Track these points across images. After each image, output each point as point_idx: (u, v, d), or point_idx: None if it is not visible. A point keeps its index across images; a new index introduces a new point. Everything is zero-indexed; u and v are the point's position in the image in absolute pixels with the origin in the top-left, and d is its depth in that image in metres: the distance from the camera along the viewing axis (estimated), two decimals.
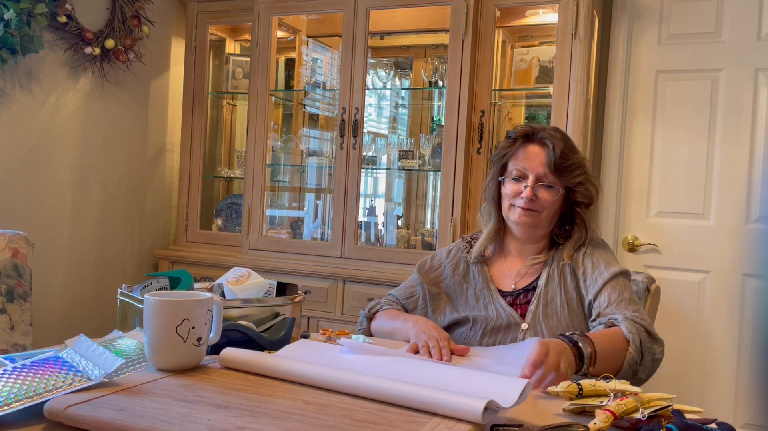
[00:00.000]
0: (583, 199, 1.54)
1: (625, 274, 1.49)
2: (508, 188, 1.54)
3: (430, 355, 1.34)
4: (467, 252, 1.65)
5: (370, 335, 1.62)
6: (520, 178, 1.52)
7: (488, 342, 1.52)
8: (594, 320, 1.44)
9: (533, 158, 1.52)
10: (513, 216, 1.53)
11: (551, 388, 1.08)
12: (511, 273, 1.60)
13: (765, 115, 2.63)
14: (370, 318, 1.65)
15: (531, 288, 1.55)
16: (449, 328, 1.59)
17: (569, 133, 2.45)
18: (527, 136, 1.55)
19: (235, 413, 0.90)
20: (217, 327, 1.19)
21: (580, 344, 1.26)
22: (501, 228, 1.61)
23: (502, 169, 1.58)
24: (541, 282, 1.53)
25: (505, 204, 1.56)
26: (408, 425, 0.88)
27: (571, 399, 1.04)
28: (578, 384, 1.05)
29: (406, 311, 1.67)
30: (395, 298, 1.69)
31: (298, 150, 3.23)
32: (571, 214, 1.56)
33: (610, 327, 1.38)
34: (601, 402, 1.01)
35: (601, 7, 2.80)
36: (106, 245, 2.99)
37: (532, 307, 1.51)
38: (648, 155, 2.80)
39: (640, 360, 1.34)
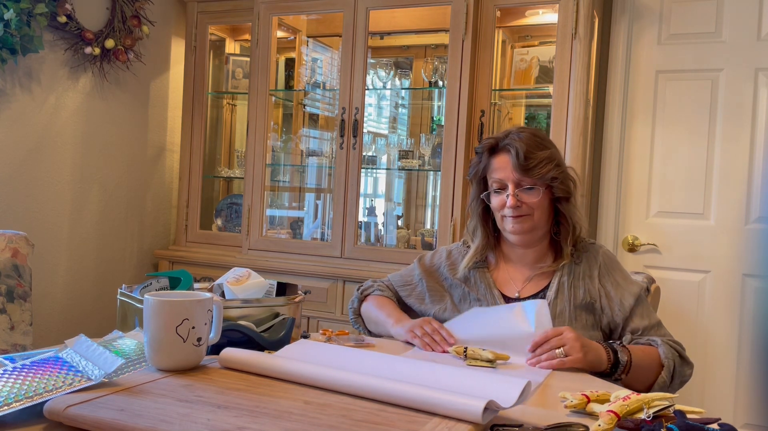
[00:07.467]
0: (561, 194, 1.53)
1: (642, 293, 1.55)
2: (494, 201, 1.56)
3: (431, 348, 1.41)
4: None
5: (359, 316, 1.72)
6: (500, 189, 1.54)
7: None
8: (630, 341, 1.48)
9: (504, 167, 1.53)
10: (507, 226, 1.54)
11: (568, 403, 1.04)
12: (515, 279, 1.59)
13: (765, 115, 2.62)
14: (361, 300, 1.73)
15: (538, 298, 1.53)
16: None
17: (569, 133, 2.46)
18: (492, 149, 1.56)
19: (235, 413, 0.90)
20: (217, 327, 1.19)
21: (617, 349, 1.35)
22: (489, 242, 1.62)
23: (484, 184, 1.59)
24: (551, 293, 1.52)
25: (497, 217, 1.58)
26: (408, 425, 0.88)
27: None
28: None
29: (398, 298, 1.70)
30: (390, 283, 1.74)
31: (298, 150, 3.23)
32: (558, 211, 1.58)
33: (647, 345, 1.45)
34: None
35: (601, 7, 2.79)
36: (106, 245, 2.99)
37: None
38: (648, 155, 2.79)
39: (671, 383, 1.41)
